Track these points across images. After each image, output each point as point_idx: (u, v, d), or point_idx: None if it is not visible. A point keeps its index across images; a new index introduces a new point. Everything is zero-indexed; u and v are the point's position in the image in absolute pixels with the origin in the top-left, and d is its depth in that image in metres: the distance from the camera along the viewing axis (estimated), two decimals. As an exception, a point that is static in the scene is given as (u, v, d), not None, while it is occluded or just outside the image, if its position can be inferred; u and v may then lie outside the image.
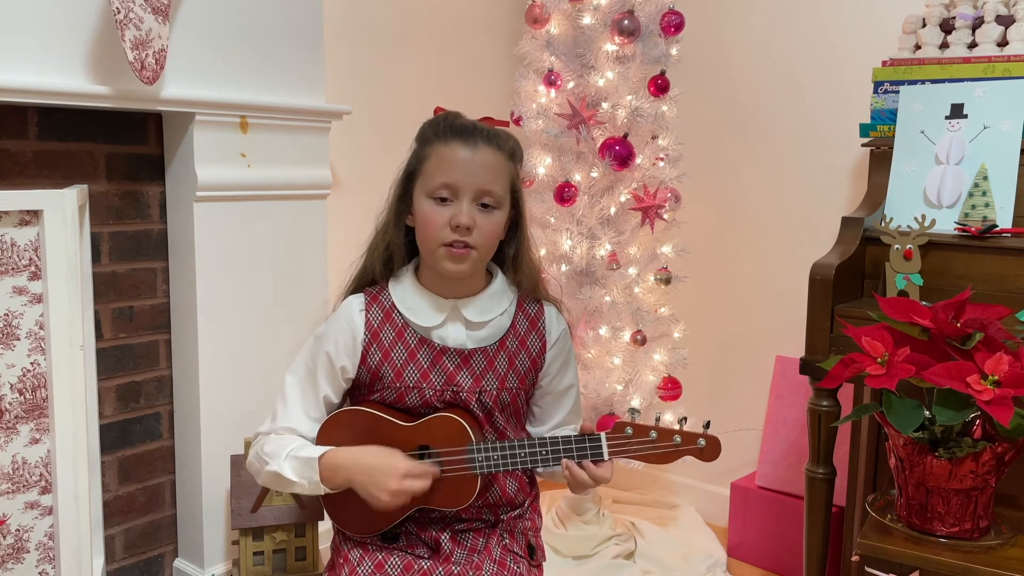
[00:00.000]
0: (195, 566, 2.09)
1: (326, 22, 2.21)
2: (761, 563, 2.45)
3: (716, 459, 1.35)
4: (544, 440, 1.34)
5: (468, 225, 1.31)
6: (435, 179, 1.33)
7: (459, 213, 1.32)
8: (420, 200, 1.35)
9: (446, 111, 1.42)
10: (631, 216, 2.34)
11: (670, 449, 1.34)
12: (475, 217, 1.32)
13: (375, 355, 1.38)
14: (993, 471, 1.44)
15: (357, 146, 2.48)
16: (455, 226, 1.31)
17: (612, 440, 1.34)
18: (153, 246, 2.03)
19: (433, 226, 1.33)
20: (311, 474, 1.33)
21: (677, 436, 1.34)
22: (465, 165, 1.33)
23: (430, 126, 1.39)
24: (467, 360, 1.38)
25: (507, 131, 1.41)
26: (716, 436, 1.34)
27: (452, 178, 1.32)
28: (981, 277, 1.79)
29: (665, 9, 2.31)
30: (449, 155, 1.33)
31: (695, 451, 1.34)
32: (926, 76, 2.00)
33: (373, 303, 1.40)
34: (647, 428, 1.34)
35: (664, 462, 1.36)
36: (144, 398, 2.05)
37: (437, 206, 1.33)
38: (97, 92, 1.73)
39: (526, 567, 1.41)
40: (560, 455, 1.34)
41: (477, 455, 1.34)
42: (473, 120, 1.39)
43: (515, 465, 1.34)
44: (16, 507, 1.65)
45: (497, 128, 1.39)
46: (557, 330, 1.46)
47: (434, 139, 1.36)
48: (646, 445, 1.34)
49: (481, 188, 1.33)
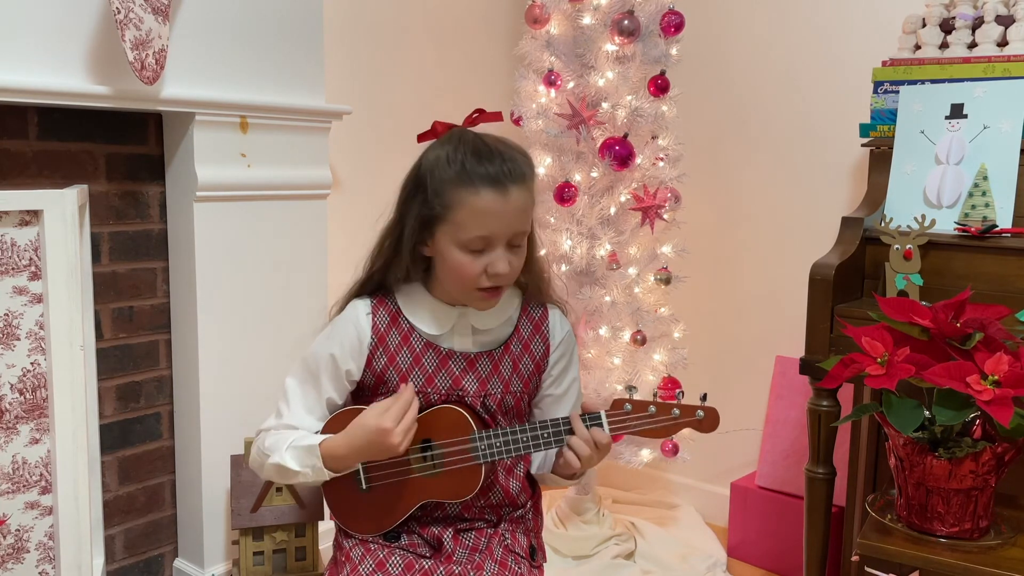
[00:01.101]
0: (195, 566, 2.09)
1: (326, 22, 2.21)
2: (761, 563, 2.45)
3: (715, 429, 1.35)
4: (545, 422, 1.35)
5: (507, 273, 1.30)
6: (469, 233, 1.27)
7: (496, 261, 1.28)
8: (449, 248, 1.30)
9: (454, 132, 1.33)
10: (631, 216, 2.34)
11: (669, 422, 1.34)
12: (509, 260, 1.30)
13: (381, 359, 1.38)
14: (993, 471, 1.44)
15: (357, 146, 2.48)
16: (493, 274, 1.29)
17: (612, 417, 1.35)
18: (153, 246, 2.03)
19: (468, 276, 1.30)
20: (314, 460, 1.33)
21: (676, 409, 1.34)
22: (501, 216, 1.27)
23: (451, 165, 1.28)
24: (472, 364, 1.38)
25: (520, 149, 1.33)
26: (714, 407, 1.35)
27: (489, 231, 1.27)
28: (981, 277, 1.79)
29: (665, 9, 2.31)
30: (483, 207, 1.26)
31: (694, 423, 1.34)
32: (926, 76, 2.00)
33: (380, 307, 1.40)
34: (646, 403, 1.35)
35: (664, 436, 1.37)
36: (144, 398, 2.05)
37: (471, 256, 1.29)
38: (97, 92, 1.73)
39: (527, 567, 1.41)
40: (561, 436, 1.34)
41: (479, 443, 1.34)
42: (490, 145, 1.29)
43: (518, 450, 1.34)
44: (16, 507, 1.65)
45: (514, 151, 1.31)
46: (561, 333, 1.45)
47: (459, 185, 1.27)
48: (645, 420, 1.34)
49: (516, 232, 1.30)
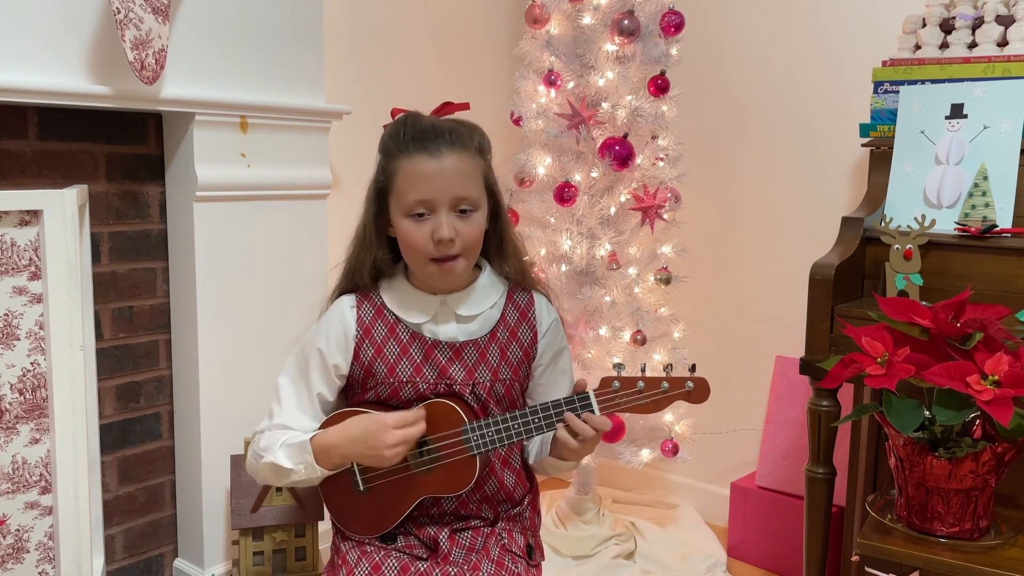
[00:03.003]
0: (195, 566, 2.09)
1: (326, 22, 2.21)
2: (761, 563, 2.45)
3: (706, 400, 1.34)
4: (535, 407, 1.35)
5: (450, 238, 1.30)
6: (408, 197, 1.31)
7: (439, 227, 1.30)
8: (398, 218, 1.34)
9: (403, 113, 1.38)
10: (631, 216, 2.34)
11: (659, 396, 1.34)
12: (455, 226, 1.31)
13: (368, 351, 1.38)
14: (993, 471, 1.44)
15: (357, 146, 2.48)
16: (437, 240, 1.30)
17: (601, 395, 1.34)
18: (153, 246, 2.03)
19: (416, 244, 1.32)
20: (306, 457, 1.33)
21: (665, 383, 1.34)
22: (435, 178, 1.30)
23: (390, 138, 1.35)
24: (459, 353, 1.39)
25: (469, 124, 1.37)
26: (703, 377, 1.34)
27: (424, 194, 1.30)
28: (981, 277, 1.79)
29: (665, 9, 2.31)
30: (416, 170, 1.30)
31: (684, 395, 1.34)
32: (926, 76, 2.00)
33: (364, 300, 1.41)
34: (634, 379, 1.34)
35: (656, 410, 1.36)
36: (144, 398, 2.05)
37: (415, 223, 1.32)
38: (97, 92, 1.73)
39: (524, 567, 1.41)
40: (552, 420, 1.34)
41: (472, 434, 1.34)
42: (432, 120, 1.35)
43: (511, 438, 1.34)
44: (16, 507, 1.65)
45: (458, 123, 1.35)
46: (548, 319, 1.46)
47: (397, 153, 1.32)
48: (635, 396, 1.34)
49: (456, 196, 1.31)
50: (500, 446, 1.36)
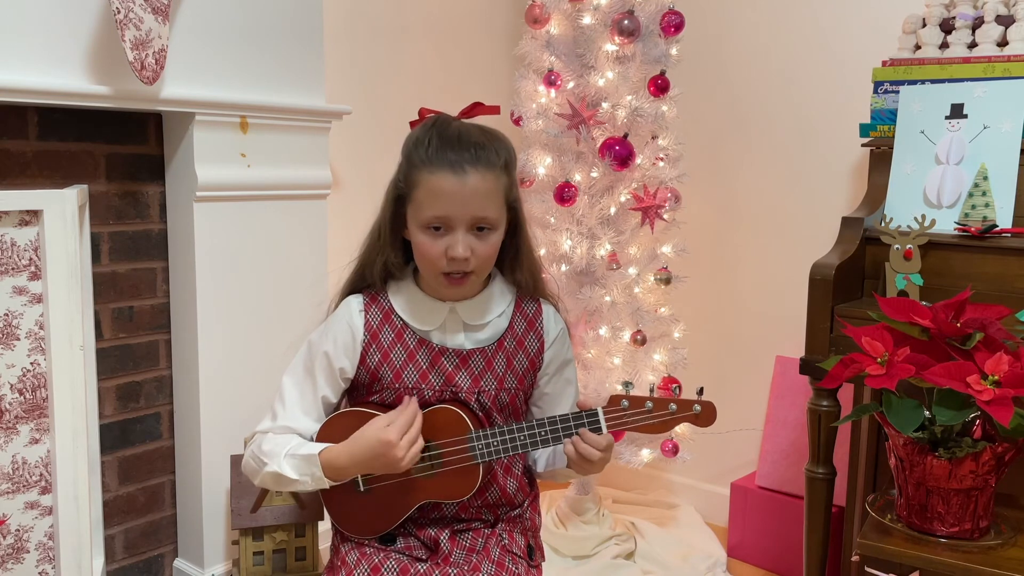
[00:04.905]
0: (195, 566, 2.09)
1: (326, 22, 2.21)
2: (761, 563, 2.45)
3: (712, 424, 1.35)
4: (542, 421, 1.35)
5: (464, 256, 1.29)
6: (426, 212, 1.29)
7: (454, 245, 1.29)
8: (413, 228, 1.33)
9: (431, 116, 1.35)
10: (631, 216, 2.34)
11: (667, 417, 1.35)
12: (471, 244, 1.30)
13: (374, 356, 1.38)
14: (993, 471, 1.44)
15: (357, 146, 2.48)
16: (451, 258, 1.29)
17: (609, 413, 1.34)
18: (153, 246, 2.03)
19: (429, 257, 1.31)
20: (313, 470, 1.33)
21: (673, 404, 1.34)
22: (455, 196, 1.27)
23: (416, 145, 1.31)
24: (465, 361, 1.38)
25: (497, 136, 1.34)
26: (710, 401, 1.34)
27: (443, 211, 1.28)
28: (981, 277, 1.79)
29: (665, 9, 2.31)
30: (437, 186, 1.27)
31: (691, 417, 1.35)
32: (926, 76, 2.00)
33: (372, 304, 1.40)
34: (643, 399, 1.35)
35: (663, 431, 1.37)
36: (144, 398, 2.05)
37: (431, 236, 1.30)
38: (97, 92, 1.73)
39: (524, 568, 1.41)
40: (559, 434, 1.34)
41: (477, 443, 1.34)
42: (460, 129, 1.31)
43: (515, 449, 1.34)
44: (16, 507, 1.65)
45: (486, 136, 1.32)
46: (555, 330, 1.45)
47: (420, 164, 1.29)
48: (643, 415, 1.35)
49: (475, 216, 1.29)
50: (504, 456, 1.36)
